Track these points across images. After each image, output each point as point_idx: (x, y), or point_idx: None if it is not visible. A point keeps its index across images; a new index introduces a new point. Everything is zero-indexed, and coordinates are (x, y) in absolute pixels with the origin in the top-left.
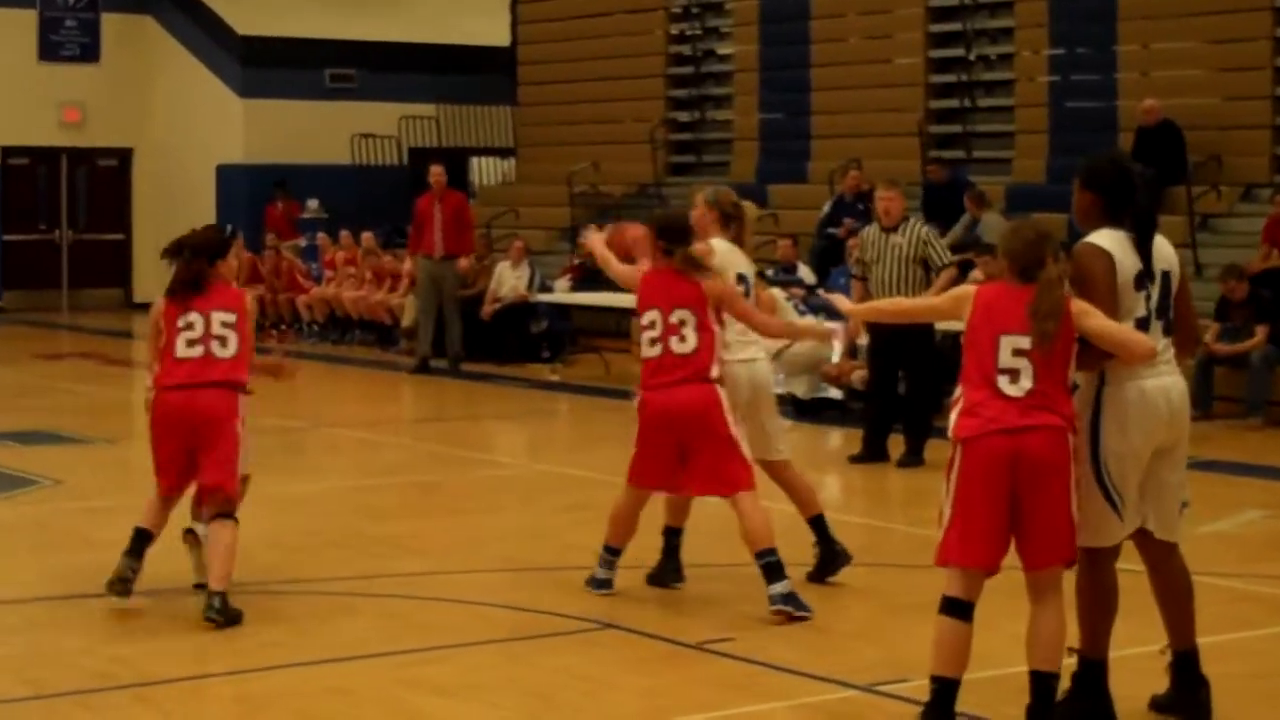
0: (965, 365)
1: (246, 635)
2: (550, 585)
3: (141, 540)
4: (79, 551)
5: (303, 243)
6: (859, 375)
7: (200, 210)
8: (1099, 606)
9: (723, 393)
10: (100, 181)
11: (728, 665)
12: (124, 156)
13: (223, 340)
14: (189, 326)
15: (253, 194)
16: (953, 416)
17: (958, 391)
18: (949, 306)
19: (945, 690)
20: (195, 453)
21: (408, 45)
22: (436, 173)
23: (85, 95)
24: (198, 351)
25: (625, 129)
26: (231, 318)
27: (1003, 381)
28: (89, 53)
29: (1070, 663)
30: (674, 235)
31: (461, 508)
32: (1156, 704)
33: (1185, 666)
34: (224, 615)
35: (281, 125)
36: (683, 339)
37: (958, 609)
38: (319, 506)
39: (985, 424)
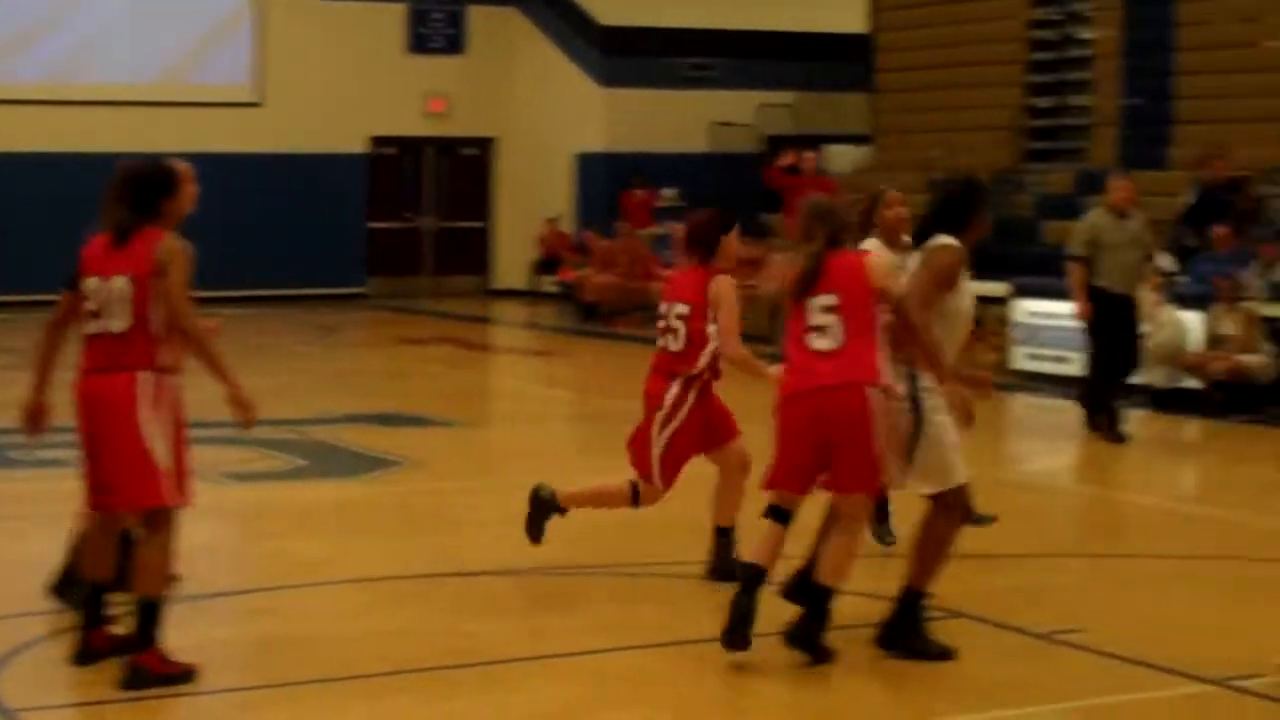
0: None
1: (597, 615)
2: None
3: None
4: (439, 532)
5: (659, 231)
6: (1220, 366)
7: (559, 198)
8: None
9: None
10: (463, 170)
11: (1076, 656)
12: (486, 146)
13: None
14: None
15: (611, 182)
16: None
17: None
18: None
19: None
20: None
21: (766, 33)
22: (809, 158)
23: (450, 86)
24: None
25: (983, 115)
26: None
27: None
28: (455, 44)
29: None
30: None
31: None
32: None
33: None
34: None
35: (640, 114)
36: None
37: None
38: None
39: None
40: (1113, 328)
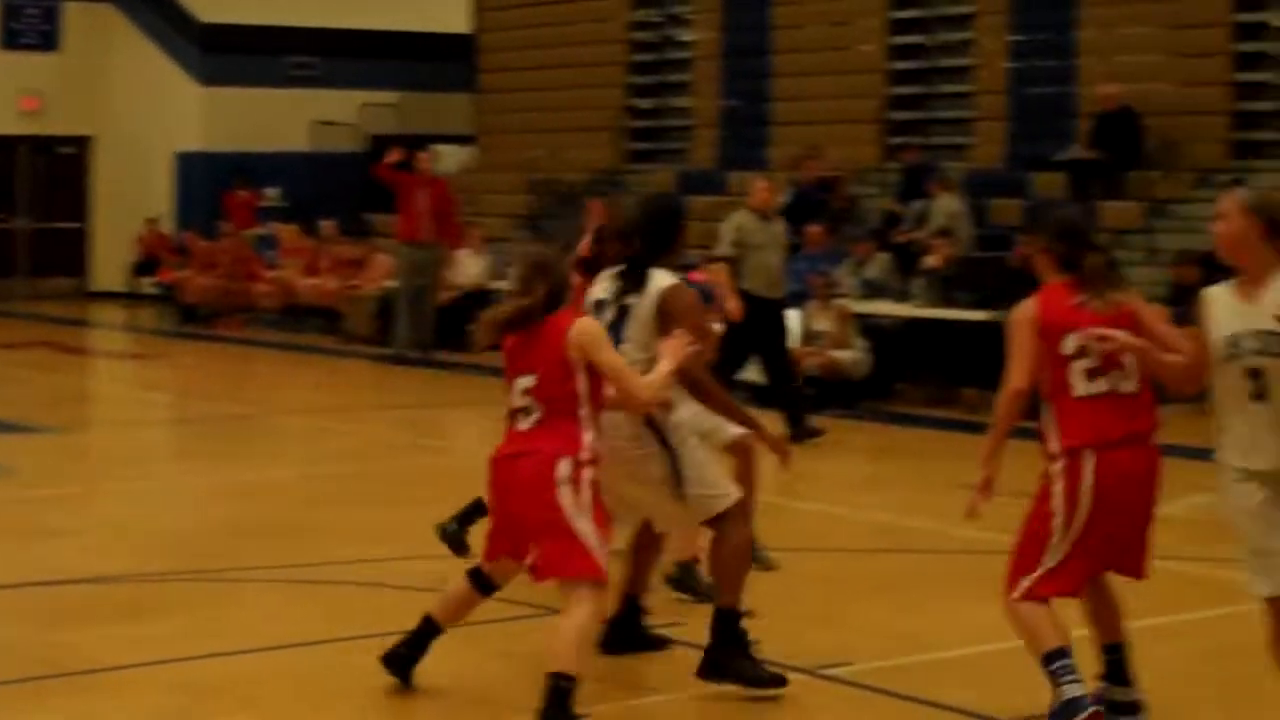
0: None
1: (192, 621)
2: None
3: None
4: (28, 541)
5: (262, 231)
6: (815, 361)
7: (159, 198)
8: None
9: None
10: (59, 170)
11: (676, 651)
12: (83, 145)
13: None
14: None
15: (212, 182)
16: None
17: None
18: None
19: None
20: None
21: (369, 32)
22: (424, 158)
23: (44, 83)
24: None
25: (585, 116)
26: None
27: None
28: (49, 41)
29: None
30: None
31: (401, 496)
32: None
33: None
34: None
35: (242, 113)
36: None
37: None
38: (267, 494)
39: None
40: (757, 332)
